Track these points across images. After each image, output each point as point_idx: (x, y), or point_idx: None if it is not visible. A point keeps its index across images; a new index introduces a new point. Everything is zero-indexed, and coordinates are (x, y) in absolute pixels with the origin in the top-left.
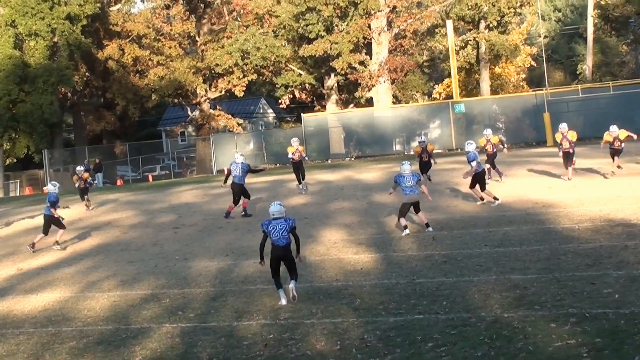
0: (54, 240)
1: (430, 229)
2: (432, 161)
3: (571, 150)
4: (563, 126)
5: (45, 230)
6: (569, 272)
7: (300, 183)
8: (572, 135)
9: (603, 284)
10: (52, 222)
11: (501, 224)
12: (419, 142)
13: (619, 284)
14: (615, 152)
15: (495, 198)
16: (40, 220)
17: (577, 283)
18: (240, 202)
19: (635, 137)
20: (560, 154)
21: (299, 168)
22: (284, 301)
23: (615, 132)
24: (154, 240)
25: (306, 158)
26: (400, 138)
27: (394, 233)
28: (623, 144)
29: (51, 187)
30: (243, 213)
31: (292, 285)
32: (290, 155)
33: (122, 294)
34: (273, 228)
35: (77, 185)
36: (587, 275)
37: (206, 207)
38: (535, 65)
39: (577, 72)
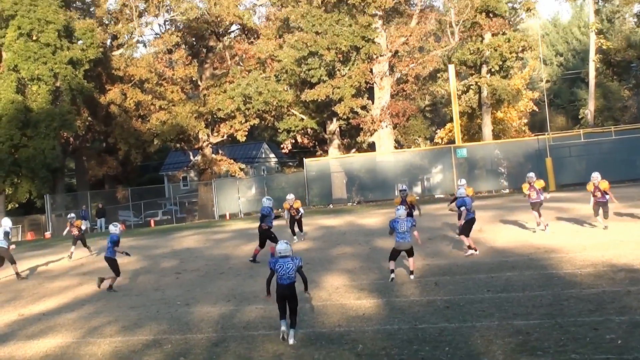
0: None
1: (412, 276)
2: (416, 212)
3: (604, 200)
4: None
5: (117, 272)
6: (571, 317)
7: (294, 235)
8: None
9: (606, 329)
10: (110, 265)
11: (503, 270)
12: (400, 191)
13: (622, 330)
14: (599, 205)
15: (473, 248)
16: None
17: (579, 329)
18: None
19: (613, 199)
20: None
21: (295, 222)
22: (283, 327)
23: (596, 178)
24: (155, 285)
25: (302, 212)
26: (402, 183)
27: (396, 278)
28: (607, 197)
29: (112, 228)
30: (251, 258)
31: (291, 333)
32: (286, 213)
33: (123, 340)
34: (280, 266)
35: (65, 232)
36: (590, 321)
37: (208, 253)
38: (537, 109)
39: (579, 117)
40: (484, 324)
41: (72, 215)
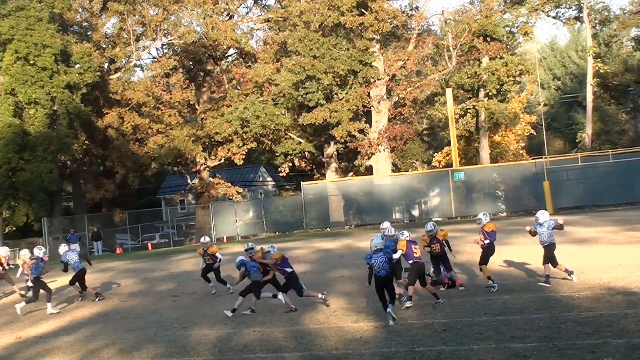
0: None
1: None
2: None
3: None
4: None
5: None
6: (569, 340)
7: (208, 281)
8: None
9: (603, 352)
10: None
11: (501, 292)
12: (427, 232)
13: (619, 353)
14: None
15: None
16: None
17: (577, 352)
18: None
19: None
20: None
21: (209, 271)
22: (391, 321)
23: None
24: (153, 308)
25: (220, 259)
26: (399, 206)
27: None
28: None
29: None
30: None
31: (389, 309)
32: (200, 261)
33: None
34: (374, 261)
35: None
36: (588, 344)
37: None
38: (534, 133)
39: (577, 140)
40: (481, 347)
41: (25, 251)
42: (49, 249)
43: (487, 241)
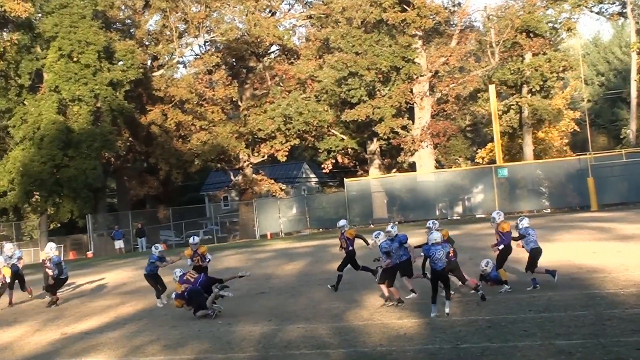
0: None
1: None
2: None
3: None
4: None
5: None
6: (614, 337)
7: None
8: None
9: None
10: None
11: (545, 289)
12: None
13: None
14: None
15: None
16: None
17: (622, 349)
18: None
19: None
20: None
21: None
22: (432, 314)
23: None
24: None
25: (209, 258)
26: (443, 202)
27: (437, 298)
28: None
29: (153, 249)
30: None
31: (447, 304)
32: (188, 262)
33: (166, 359)
34: (432, 253)
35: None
36: (633, 341)
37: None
38: (578, 129)
39: (621, 137)
40: (526, 344)
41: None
42: (93, 245)
43: (501, 247)
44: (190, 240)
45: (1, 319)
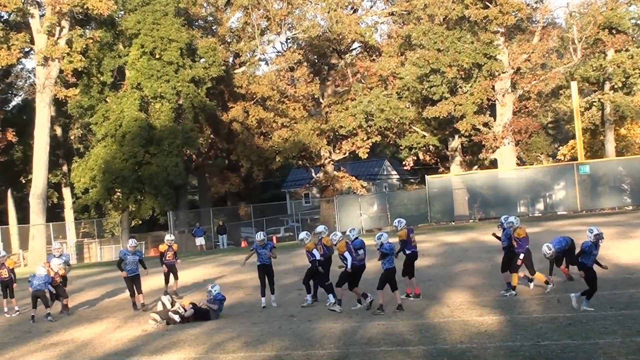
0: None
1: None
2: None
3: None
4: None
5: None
6: None
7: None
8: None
9: None
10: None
11: (627, 286)
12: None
13: None
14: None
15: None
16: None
17: None
18: None
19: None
20: None
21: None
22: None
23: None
24: (278, 301)
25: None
26: (524, 200)
27: (519, 295)
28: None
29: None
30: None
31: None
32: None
33: (246, 355)
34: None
35: None
36: None
37: (331, 269)
38: None
39: None
40: (607, 341)
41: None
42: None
43: (522, 256)
44: (167, 237)
45: (82, 315)
